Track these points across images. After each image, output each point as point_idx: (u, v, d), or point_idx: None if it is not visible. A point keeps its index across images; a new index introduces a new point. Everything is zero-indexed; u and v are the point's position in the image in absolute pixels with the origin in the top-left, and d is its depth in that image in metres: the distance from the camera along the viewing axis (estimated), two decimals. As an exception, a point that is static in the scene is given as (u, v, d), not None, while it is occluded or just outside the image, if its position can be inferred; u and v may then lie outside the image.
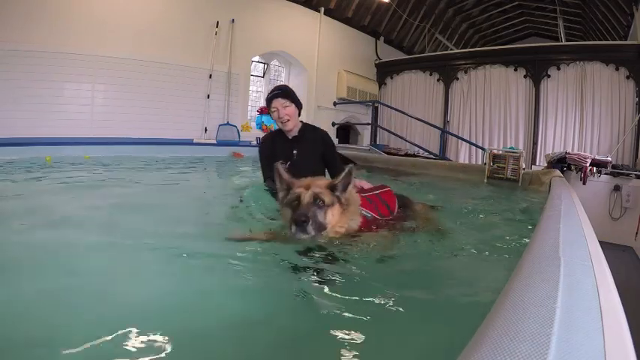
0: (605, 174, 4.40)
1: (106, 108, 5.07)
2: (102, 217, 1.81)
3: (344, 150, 5.79)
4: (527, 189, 3.34)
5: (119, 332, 0.78)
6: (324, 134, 2.18)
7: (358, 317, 0.88)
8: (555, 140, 6.71)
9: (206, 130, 5.97)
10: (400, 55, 9.55)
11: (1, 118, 4.22)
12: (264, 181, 2.06)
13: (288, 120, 2.02)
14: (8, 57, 4.29)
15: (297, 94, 2.14)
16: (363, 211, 1.45)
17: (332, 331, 0.83)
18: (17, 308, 0.90)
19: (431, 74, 8.21)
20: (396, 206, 1.67)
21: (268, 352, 0.80)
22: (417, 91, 8.40)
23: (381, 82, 8.98)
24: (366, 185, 1.86)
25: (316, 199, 1.26)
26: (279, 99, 2.01)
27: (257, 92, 7.41)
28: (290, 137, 2.11)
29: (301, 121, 2.16)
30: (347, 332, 0.82)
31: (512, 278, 0.62)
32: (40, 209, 1.88)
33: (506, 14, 10.49)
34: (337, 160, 2.17)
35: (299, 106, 2.10)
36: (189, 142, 5.38)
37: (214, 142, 5.72)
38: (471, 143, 7.24)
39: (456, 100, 7.87)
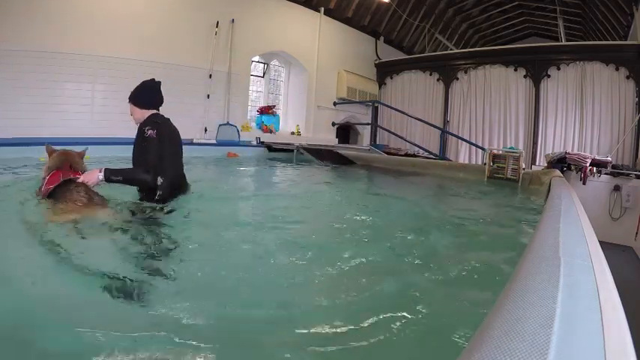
0: (605, 174, 4.39)
1: (106, 108, 5.05)
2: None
3: (344, 150, 5.79)
4: (527, 189, 3.34)
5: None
6: (143, 125, 2.18)
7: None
8: (555, 140, 6.71)
9: (206, 130, 5.96)
10: (400, 55, 9.55)
11: (0, 118, 4.22)
12: None
13: (132, 117, 2.31)
14: (8, 57, 4.28)
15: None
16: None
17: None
18: None
19: (431, 74, 8.21)
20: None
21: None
22: (416, 91, 8.40)
23: (381, 82, 8.98)
24: (81, 178, 2.00)
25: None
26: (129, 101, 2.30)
27: (257, 92, 7.41)
28: None
29: (154, 113, 2.33)
30: None
31: (512, 278, 0.62)
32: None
33: (506, 14, 10.48)
34: (146, 154, 2.12)
35: (135, 102, 2.29)
36: (187, 143, 5.36)
37: (214, 142, 5.71)
38: (471, 143, 7.24)
39: (455, 100, 7.86)
